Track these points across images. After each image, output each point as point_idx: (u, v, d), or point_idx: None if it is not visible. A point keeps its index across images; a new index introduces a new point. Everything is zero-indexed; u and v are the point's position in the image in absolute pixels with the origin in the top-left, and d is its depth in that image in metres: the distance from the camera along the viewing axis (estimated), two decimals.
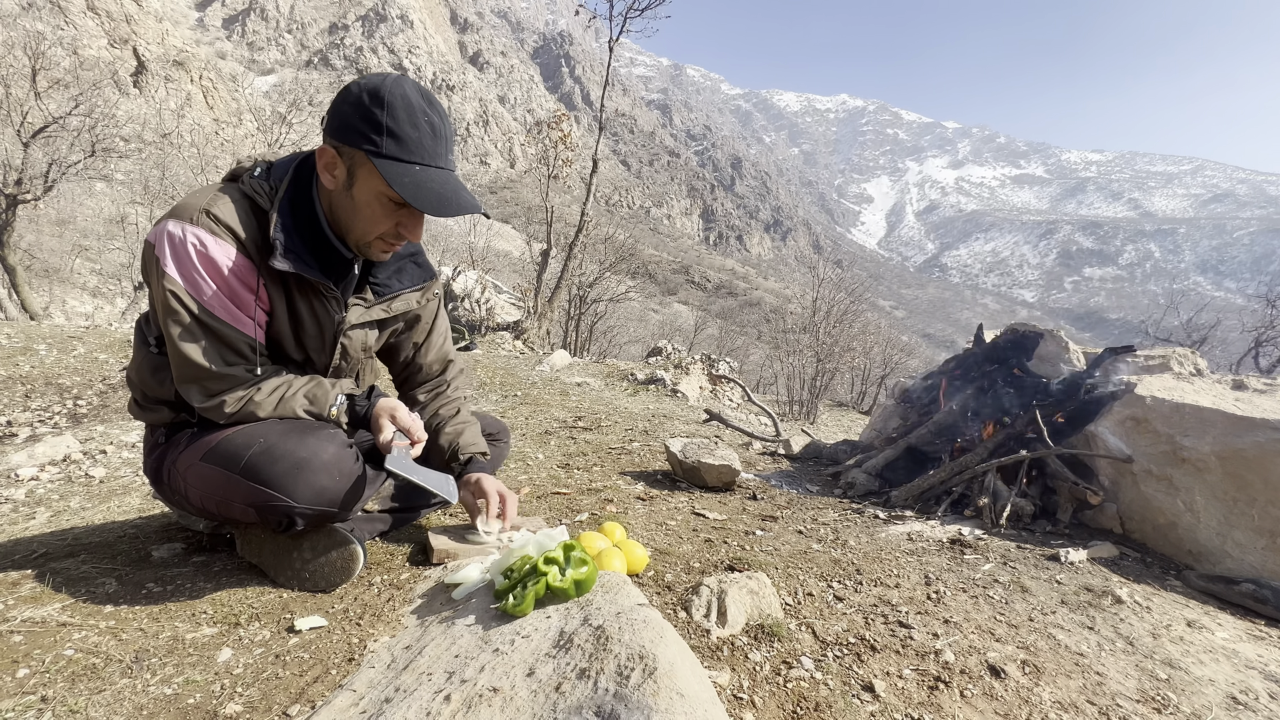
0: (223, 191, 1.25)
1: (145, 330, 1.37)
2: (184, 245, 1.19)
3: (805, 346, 16.15)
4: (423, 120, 1.19)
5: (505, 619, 1.10)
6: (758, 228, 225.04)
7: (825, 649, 1.28)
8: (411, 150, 1.19)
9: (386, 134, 1.17)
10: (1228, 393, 2.27)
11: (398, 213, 1.26)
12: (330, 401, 1.37)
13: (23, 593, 1.32)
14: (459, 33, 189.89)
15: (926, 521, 2.27)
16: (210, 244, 1.20)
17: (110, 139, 12.86)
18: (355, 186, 1.24)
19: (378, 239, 1.30)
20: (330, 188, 1.27)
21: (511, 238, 51.87)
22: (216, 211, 1.21)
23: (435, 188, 1.20)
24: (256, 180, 1.28)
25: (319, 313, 1.36)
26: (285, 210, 1.26)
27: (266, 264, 1.25)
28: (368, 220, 1.26)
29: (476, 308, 10.87)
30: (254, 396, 1.30)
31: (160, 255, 1.20)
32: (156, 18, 68.17)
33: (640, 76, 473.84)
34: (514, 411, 4.48)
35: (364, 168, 1.21)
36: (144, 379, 1.37)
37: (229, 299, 1.24)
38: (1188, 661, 1.35)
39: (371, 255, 1.34)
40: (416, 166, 1.20)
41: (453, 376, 1.73)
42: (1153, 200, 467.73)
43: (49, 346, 5.53)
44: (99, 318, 15.21)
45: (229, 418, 1.29)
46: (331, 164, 1.24)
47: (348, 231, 1.30)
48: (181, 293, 1.20)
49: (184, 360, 1.23)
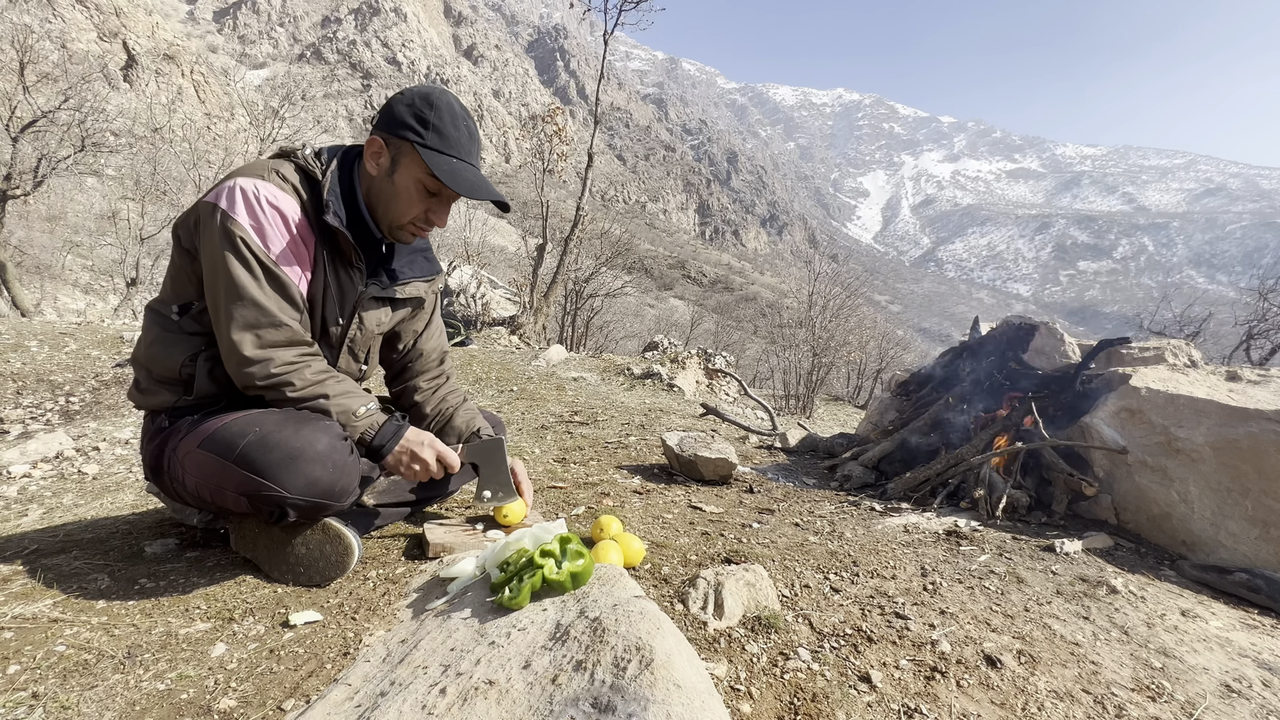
0: (283, 159, 1.40)
1: (160, 308, 1.41)
2: (257, 198, 1.29)
3: (801, 341, 16.19)
4: (462, 124, 1.39)
5: (501, 612, 1.09)
6: (754, 222, 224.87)
7: (822, 640, 1.28)
8: (451, 145, 1.37)
9: (432, 129, 1.35)
10: (1222, 384, 2.28)
11: (430, 199, 1.42)
12: (364, 401, 1.43)
13: (14, 589, 1.31)
14: (453, 26, 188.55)
15: (922, 513, 2.28)
16: (279, 197, 1.32)
17: (100, 134, 12.75)
18: (398, 173, 1.39)
19: (410, 223, 1.44)
20: (373, 173, 1.42)
21: (507, 233, 51.70)
22: (283, 172, 1.36)
23: (468, 176, 1.39)
24: (309, 156, 1.41)
25: (343, 281, 1.45)
26: (334, 183, 1.40)
27: (317, 225, 1.38)
28: (404, 204, 1.41)
29: (472, 303, 10.83)
30: (303, 368, 1.35)
31: (229, 207, 1.27)
32: (146, 11, 67.38)
33: (635, 70, 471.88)
34: (510, 406, 4.47)
35: (408, 156, 1.37)
36: (154, 356, 1.39)
37: (291, 251, 1.34)
38: (1182, 650, 1.36)
39: (401, 238, 1.49)
40: (455, 160, 1.38)
41: (449, 369, 1.82)
42: (1146, 194, 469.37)
43: (40, 343, 5.49)
44: (91, 314, 15.09)
45: (269, 379, 1.31)
46: (378, 152, 1.39)
47: (384, 214, 1.44)
48: (251, 240, 1.28)
49: (247, 305, 1.28)
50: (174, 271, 1.39)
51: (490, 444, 1.62)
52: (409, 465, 1.45)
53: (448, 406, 1.75)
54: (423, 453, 1.44)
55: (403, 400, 1.75)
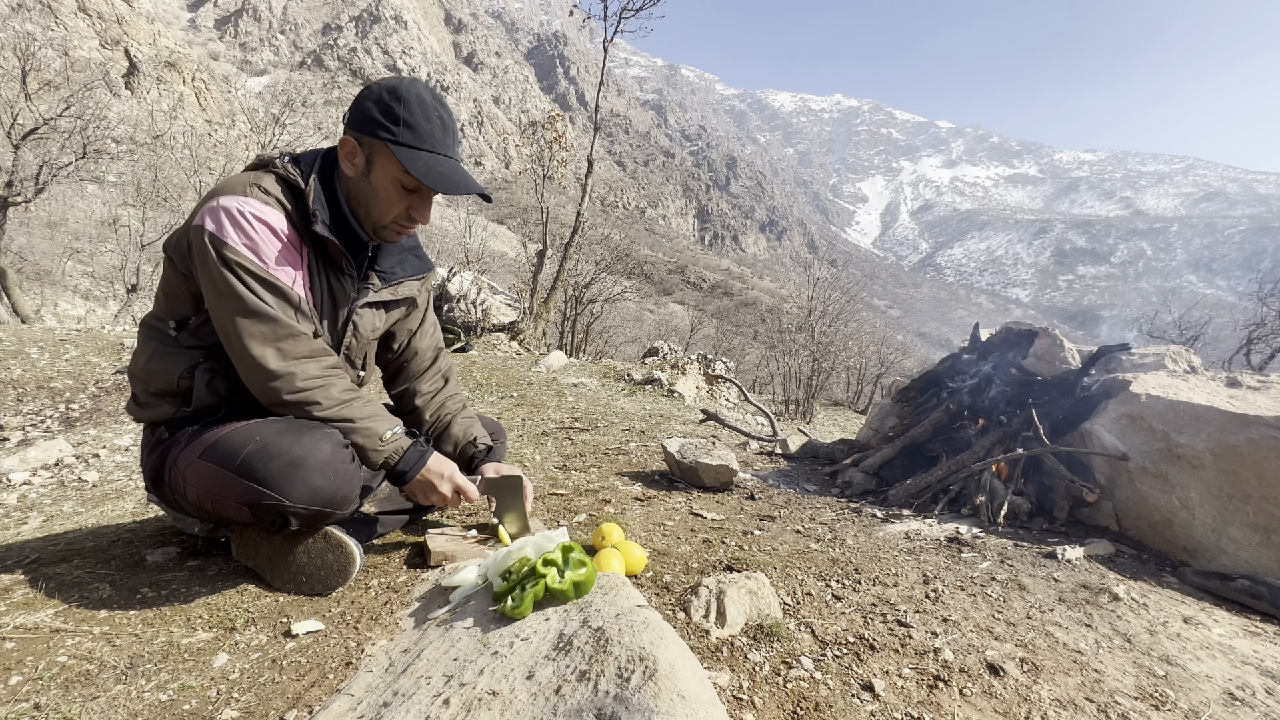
0: (262, 172, 1.36)
1: (156, 323, 1.40)
2: (242, 215, 1.27)
3: (801, 346, 16.19)
4: (434, 115, 1.34)
5: (504, 621, 1.09)
6: (753, 227, 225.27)
7: (824, 648, 1.27)
8: (424, 139, 1.33)
9: (403, 124, 1.31)
10: (1222, 390, 2.28)
11: (409, 196, 1.39)
12: (390, 425, 1.42)
13: (15, 598, 1.31)
14: (453, 33, 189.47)
15: (924, 520, 2.27)
16: (265, 212, 1.30)
17: (102, 140, 12.78)
18: (373, 172, 1.36)
19: (393, 222, 1.42)
20: (350, 175, 1.39)
21: (507, 239, 51.78)
22: (264, 185, 1.32)
23: (445, 171, 1.35)
24: (287, 165, 1.39)
25: (335, 289, 1.45)
26: (318, 191, 1.38)
27: (305, 235, 1.36)
28: (384, 204, 1.39)
29: (472, 309, 10.82)
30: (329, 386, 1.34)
31: (217, 229, 1.26)
32: (148, 19, 67.75)
33: (635, 77, 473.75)
34: (510, 413, 4.47)
35: (382, 154, 1.34)
36: (151, 370, 1.38)
37: (287, 262, 1.33)
38: (1185, 658, 1.36)
39: (387, 238, 1.46)
40: (428, 154, 1.33)
41: (446, 368, 1.81)
42: (1145, 199, 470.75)
43: (40, 350, 5.49)
44: (91, 321, 15.11)
45: (295, 393, 1.30)
46: (352, 153, 1.36)
47: (366, 216, 1.42)
48: (247, 258, 1.26)
49: (260, 320, 1.27)
50: (168, 288, 1.37)
51: (508, 481, 1.61)
52: (426, 495, 1.47)
53: (446, 413, 1.75)
54: (441, 486, 1.46)
55: (402, 404, 1.76)
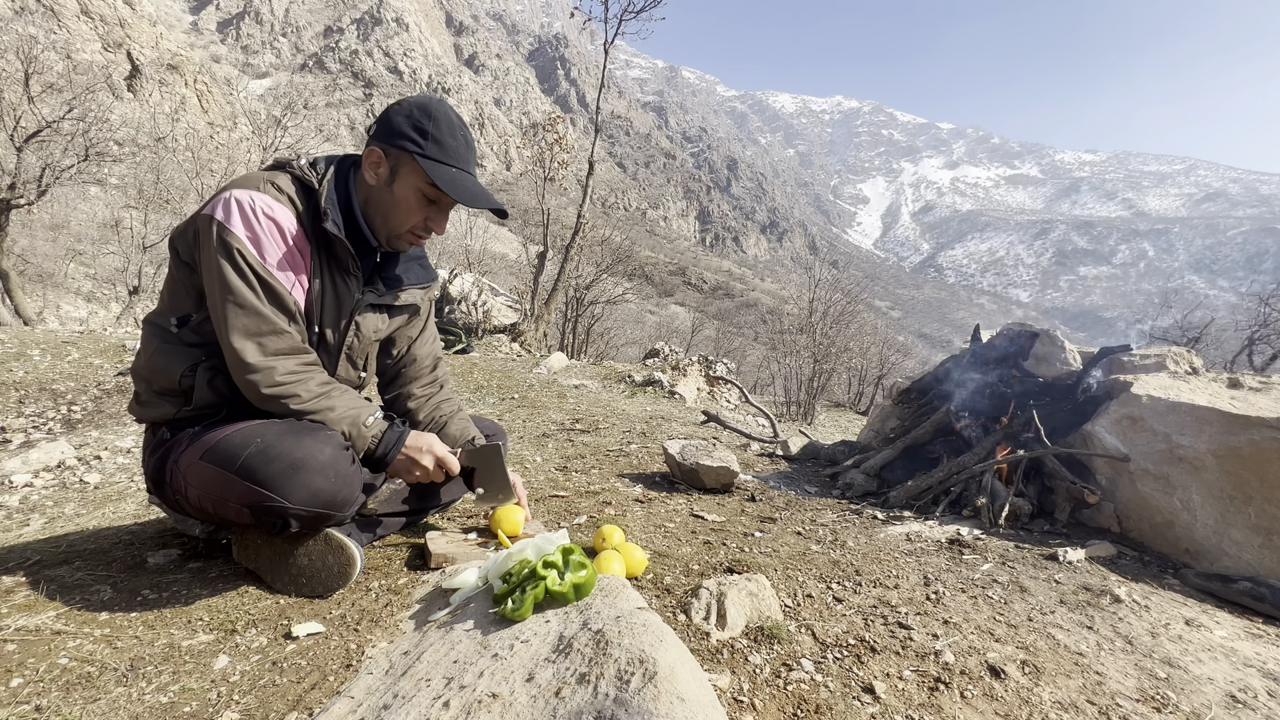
0: (279, 171, 1.41)
1: (159, 320, 1.42)
2: (252, 209, 1.30)
3: (802, 347, 16.19)
4: (459, 133, 1.42)
5: (504, 624, 1.09)
6: (754, 229, 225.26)
7: (825, 651, 1.27)
8: (449, 155, 1.40)
9: (431, 139, 1.38)
10: (1223, 391, 2.28)
11: (429, 207, 1.45)
12: (369, 411, 1.44)
13: (16, 600, 1.31)
14: (454, 35, 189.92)
15: (925, 522, 2.27)
16: (275, 209, 1.33)
17: (104, 143, 12.80)
18: (397, 183, 1.41)
19: (409, 231, 1.47)
20: (372, 183, 1.43)
21: (508, 240, 51.85)
22: (279, 183, 1.36)
23: (469, 185, 1.42)
24: (304, 166, 1.42)
25: (340, 290, 1.47)
26: (331, 191, 1.41)
27: (313, 234, 1.39)
28: (404, 213, 1.44)
29: (473, 310, 10.83)
30: (307, 380, 1.36)
31: (225, 218, 1.28)
32: (150, 21, 67.92)
33: (636, 79, 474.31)
34: (511, 414, 4.47)
35: (407, 166, 1.39)
36: (154, 368, 1.39)
37: (287, 261, 1.36)
38: (1186, 660, 1.36)
39: (399, 246, 1.51)
40: (453, 169, 1.40)
41: (443, 376, 1.83)
42: (1146, 200, 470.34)
43: (43, 352, 5.50)
44: (93, 322, 15.14)
45: (274, 387, 1.32)
46: (377, 162, 1.41)
47: (383, 223, 1.46)
48: (247, 250, 1.29)
49: (247, 313, 1.30)
50: (172, 284, 1.40)
51: (488, 449, 1.64)
52: (409, 470, 1.49)
53: (441, 415, 1.76)
54: (422, 458, 1.47)
55: (396, 407, 1.77)
